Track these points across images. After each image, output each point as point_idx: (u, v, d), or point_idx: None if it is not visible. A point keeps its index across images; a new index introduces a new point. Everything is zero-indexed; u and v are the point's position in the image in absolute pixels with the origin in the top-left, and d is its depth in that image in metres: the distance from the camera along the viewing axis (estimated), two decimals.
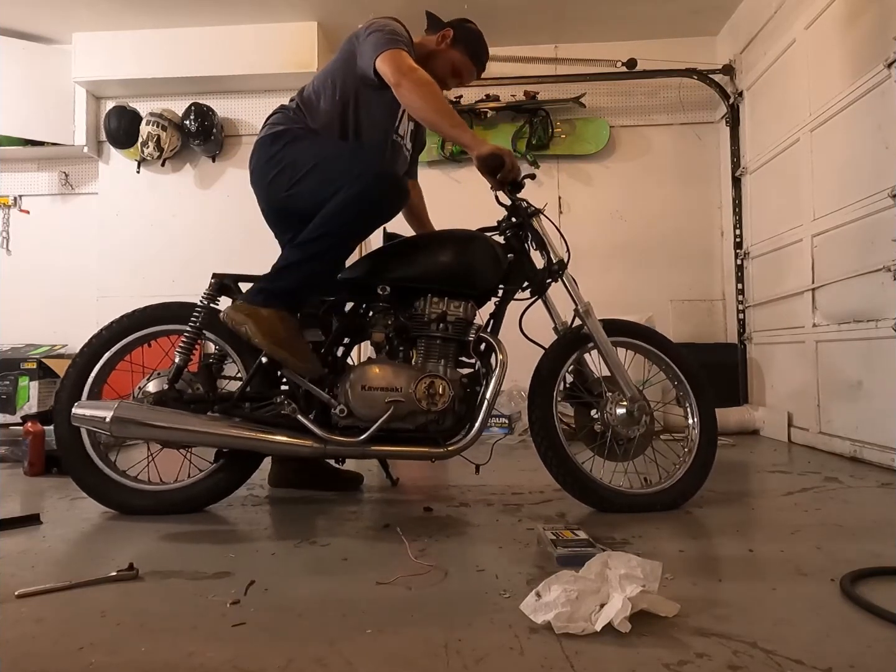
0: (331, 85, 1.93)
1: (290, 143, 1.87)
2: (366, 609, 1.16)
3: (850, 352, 2.77)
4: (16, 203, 4.53)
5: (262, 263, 2.18)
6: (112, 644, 1.04)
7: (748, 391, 3.85)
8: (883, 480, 2.26)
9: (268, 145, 1.90)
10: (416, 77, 1.76)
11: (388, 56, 1.77)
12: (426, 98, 1.74)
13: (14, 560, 1.46)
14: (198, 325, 1.87)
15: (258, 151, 1.93)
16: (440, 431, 1.82)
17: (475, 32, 2.06)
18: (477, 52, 2.05)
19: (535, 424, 1.87)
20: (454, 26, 2.03)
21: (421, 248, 1.92)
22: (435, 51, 1.99)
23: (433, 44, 2.00)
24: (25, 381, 3.69)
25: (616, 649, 0.99)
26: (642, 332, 2.03)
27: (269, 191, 1.92)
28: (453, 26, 2.02)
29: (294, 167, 1.84)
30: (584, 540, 1.43)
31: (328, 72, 1.97)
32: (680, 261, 4.20)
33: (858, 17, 2.72)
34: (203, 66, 4.12)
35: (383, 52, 1.78)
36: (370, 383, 1.79)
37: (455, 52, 2.01)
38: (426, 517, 1.84)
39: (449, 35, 2.00)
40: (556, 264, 1.94)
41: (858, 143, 2.72)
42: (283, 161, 1.86)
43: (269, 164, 1.89)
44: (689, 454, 1.93)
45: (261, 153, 1.92)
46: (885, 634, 1.04)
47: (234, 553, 1.50)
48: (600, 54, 4.19)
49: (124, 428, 1.73)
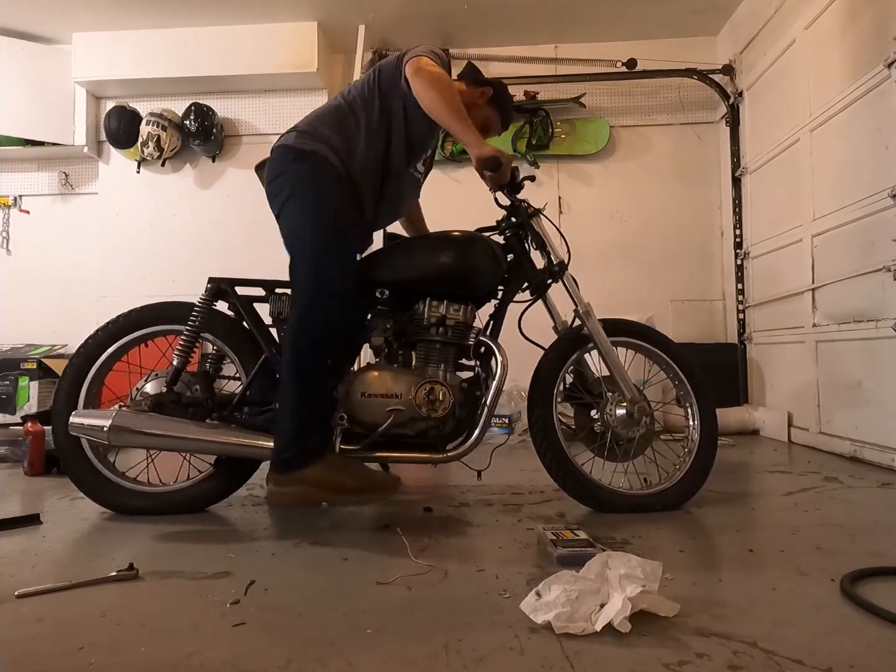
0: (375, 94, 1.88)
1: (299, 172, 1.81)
2: (366, 609, 1.17)
3: (850, 352, 2.77)
4: (16, 203, 4.52)
5: (261, 263, 2.18)
6: (112, 644, 1.04)
7: (748, 391, 3.85)
8: (883, 480, 2.26)
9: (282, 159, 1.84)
10: (435, 71, 1.77)
11: (416, 58, 1.79)
12: (440, 90, 1.74)
13: (14, 560, 1.46)
14: (196, 327, 1.87)
15: (275, 158, 1.87)
16: (440, 437, 1.82)
17: (509, 97, 2.14)
18: (507, 115, 2.12)
19: (534, 425, 1.87)
20: (494, 86, 2.07)
21: (419, 251, 1.92)
22: (473, 104, 2.00)
23: (473, 97, 2.02)
24: (25, 381, 3.70)
25: (616, 649, 1.00)
26: (643, 331, 2.03)
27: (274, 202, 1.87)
28: (493, 86, 2.06)
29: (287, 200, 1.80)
30: (584, 540, 1.43)
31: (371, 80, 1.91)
32: (680, 261, 4.20)
33: (858, 17, 2.72)
34: (203, 66, 4.12)
35: (413, 57, 1.80)
36: (370, 390, 1.78)
37: (490, 110, 2.05)
38: (426, 517, 1.84)
39: (489, 93, 2.04)
40: (556, 265, 1.94)
41: (858, 144, 2.72)
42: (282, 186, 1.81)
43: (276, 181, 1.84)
44: (689, 454, 1.93)
45: (274, 164, 1.86)
46: (885, 634, 1.04)
47: (234, 553, 1.50)
48: (600, 54, 4.19)
49: (122, 437, 1.72)
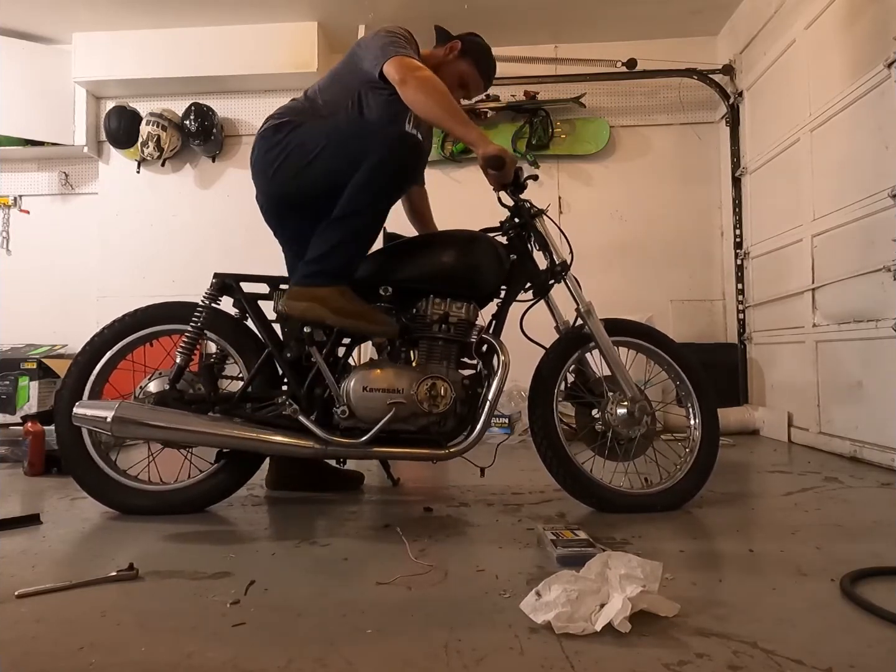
0: (336, 86, 1.93)
1: (295, 129, 1.85)
2: (366, 609, 1.16)
3: (850, 352, 2.77)
4: (16, 203, 4.53)
5: (261, 263, 2.18)
6: (112, 644, 1.04)
7: (748, 391, 3.85)
8: (883, 480, 2.26)
9: (270, 135, 1.88)
10: (422, 74, 1.75)
11: (396, 59, 1.77)
12: (431, 94, 1.73)
13: (14, 560, 1.46)
14: (199, 325, 1.87)
15: (259, 143, 1.91)
16: (442, 433, 1.82)
17: (483, 46, 2.07)
18: (484, 65, 2.06)
19: (535, 424, 1.87)
20: (462, 39, 2.03)
21: (423, 249, 1.92)
22: (442, 62, 1.99)
23: (441, 55, 2.00)
24: (25, 381, 3.70)
25: (616, 649, 0.99)
26: (645, 331, 2.03)
27: (274, 180, 1.88)
28: (462, 39, 2.03)
29: (303, 149, 1.81)
30: (584, 540, 1.43)
31: (334, 74, 1.97)
32: (680, 261, 4.20)
33: (858, 17, 2.72)
34: (203, 66, 4.12)
35: (391, 58, 1.78)
36: (372, 384, 1.79)
37: (462, 63, 2.01)
38: (426, 517, 1.84)
39: (457, 47, 2.00)
40: (559, 265, 1.94)
41: (858, 144, 2.72)
42: (288, 146, 1.83)
43: (273, 152, 1.86)
44: (690, 454, 1.93)
45: (262, 144, 1.90)
46: (885, 634, 1.04)
47: (234, 553, 1.50)
48: (600, 54, 4.19)
49: (125, 428, 1.73)
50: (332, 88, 1.94)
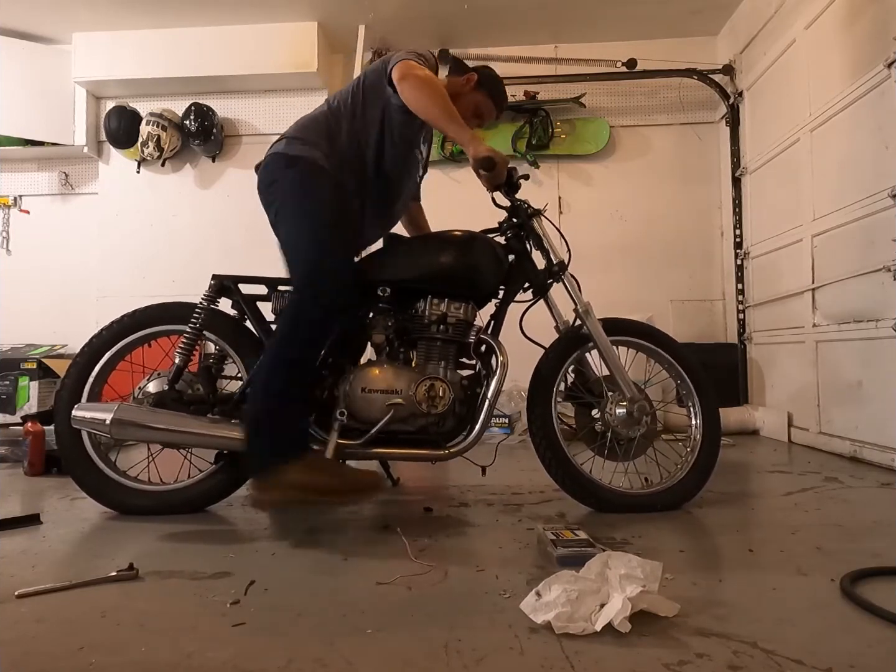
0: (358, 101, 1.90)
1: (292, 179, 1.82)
2: (366, 609, 1.16)
3: (850, 352, 2.77)
4: (16, 203, 4.53)
5: (262, 263, 2.18)
6: (112, 644, 1.04)
7: (748, 391, 3.85)
8: (883, 480, 2.26)
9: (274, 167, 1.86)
10: (421, 74, 1.77)
11: (402, 62, 1.79)
12: (428, 93, 1.74)
13: (14, 560, 1.46)
14: (198, 326, 1.87)
15: (267, 165, 1.89)
16: (441, 433, 1.82)
17: (496, 78, 2.12)
18: (498, 96, 2.11)
19: (534, 424, 1.87)
20: (478, 71, 2.07)
21: (421, 249, 1.92)
22: (460, 91, 2.01)
23: (458, 86, 2.03)
24: (25, 381, 3.70)
25: (616, 649, 0.99)
26: (645, 330, 2.03)
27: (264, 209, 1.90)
28: (477, 71, 2.07)
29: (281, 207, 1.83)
30: (584, 540, 1.43)
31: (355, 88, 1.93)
32: (680, 261, 4.20)
33: (858, 17, 2.72)
34: (203, 66, 4.12)
35: (400, 61, 1.79)
36: (370, 385, 1.79)
37: (479, 95, 2.05)
38: (426, 517, 1.84)
39: (473, 79, 2.04)
40: (556, 265, 1.94)
41: (858, 143, 2.72)
42: (275, 195, 1.84)
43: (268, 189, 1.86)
44: (691, 454, 1.93)
45: (266, 172, 1.88)
46: (885, 634, 1.04)
47: (233, 553, 1.50)
48: (600, 54, 4.19)
49: (124, 430, 1.73)
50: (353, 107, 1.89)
